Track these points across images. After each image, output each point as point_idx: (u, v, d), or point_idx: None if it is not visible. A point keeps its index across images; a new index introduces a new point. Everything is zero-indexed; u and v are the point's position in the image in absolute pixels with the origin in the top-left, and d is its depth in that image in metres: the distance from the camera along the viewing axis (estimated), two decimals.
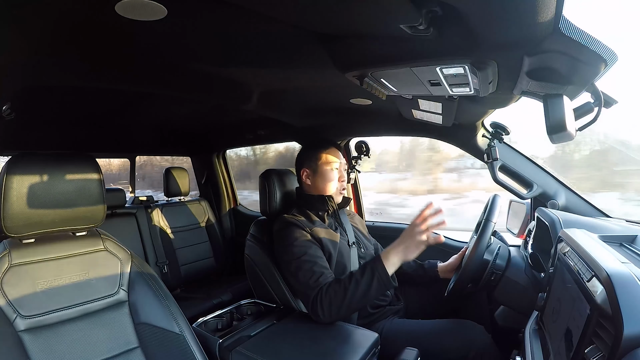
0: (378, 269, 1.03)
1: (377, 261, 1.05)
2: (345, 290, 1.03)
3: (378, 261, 1.05)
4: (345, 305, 1.03)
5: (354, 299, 1.02)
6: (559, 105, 0.70)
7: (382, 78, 0.89)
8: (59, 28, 0.76)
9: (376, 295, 1.05)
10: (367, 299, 1.04)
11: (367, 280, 1.03)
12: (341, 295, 1.03)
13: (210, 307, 1.82)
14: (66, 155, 0.84)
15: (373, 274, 1.03)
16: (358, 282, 1.03)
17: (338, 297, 1.03)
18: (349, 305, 1.03)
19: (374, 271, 1.03)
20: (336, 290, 1.04)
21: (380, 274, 1.03)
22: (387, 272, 1.03)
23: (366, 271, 1.04)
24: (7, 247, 0.78)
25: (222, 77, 1.16)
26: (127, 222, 2.08)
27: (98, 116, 1.79)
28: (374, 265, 1.05)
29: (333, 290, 1.04)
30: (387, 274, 1.03)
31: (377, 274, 1.03)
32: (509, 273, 1.06)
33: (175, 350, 0.86)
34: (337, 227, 1.31)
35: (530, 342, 0.78)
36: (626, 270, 0.53)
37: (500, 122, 1.18)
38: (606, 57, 0.63)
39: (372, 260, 1.07)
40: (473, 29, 0.60)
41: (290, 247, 1.14)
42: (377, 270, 1.03)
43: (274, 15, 0.70)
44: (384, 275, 1.03)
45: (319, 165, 1.30)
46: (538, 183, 1.32)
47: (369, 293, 1.03)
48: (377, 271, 1.03)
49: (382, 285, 1.03)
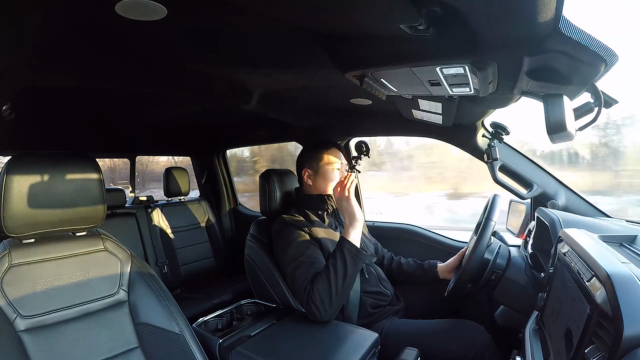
0: (345, 245, 1.08)
1: (341, 240, 1.11)
2: (327, 279, 1.05)
3: (341, 239, 1.10)
4: (333, 293, 1.04)
5: (337, 283, 1.04)
6: (559, 105, 0.70)
7: (382, 78, 0.88)
8: (59, 28, 0.76)
9: (355, 271, 1.08)
10: (349, 279, 1.07)
11: (340, 260, 1.06)
12: (326, 285, 1.05)
13: (210, 307, 1.82)
14: (66, 155, 0.84)
15: (342, 252, 1.07)
16: (335, 266, 1.06)
17: (325, 289, 1.05)
18: (337, 292, 1.05)
19: (342, 249, 1.08)
20: (320, 284, 1.05)
21: (348, 249, 1.07)
22: (354, 245, 1.08)
23: (336, 253, 1.09)
24: (7, 247, 0.78)
25: (222, 77, 1.16)
26: (127, 222, 2.08)
27: (98, 116, 1.79)
28: (340, 244, 1.10)
29: (318, 284, 1.06)
30: (355, 246, 1.08)
31: (345, 250, 1.07)
32: (509, 273, 1.06)
33: (175, 350, 0.86)
34: (337, 227, 1.31)
35: (530, 342, 0.78)
36: (626, 270, 0.53)
37: (500, 122, 1.18)
38: (606, 57, 0.63)
39: (337, 242, 1.12)
40: (473, 29, 0.60)
41: (288, 247, 1.15)
42: (344, 247, 1.08)
43: (274, 15, 0.70)
44: (352, 248, 1.08)
45: (321, 166, 1.30)
46: (538, 183, 1.32)
47: (347, 271, 1.06)
48: (345, 247, 1.08)
49: (355, 258, 1.07)
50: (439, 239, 1.67)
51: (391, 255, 1.50)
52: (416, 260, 1.45)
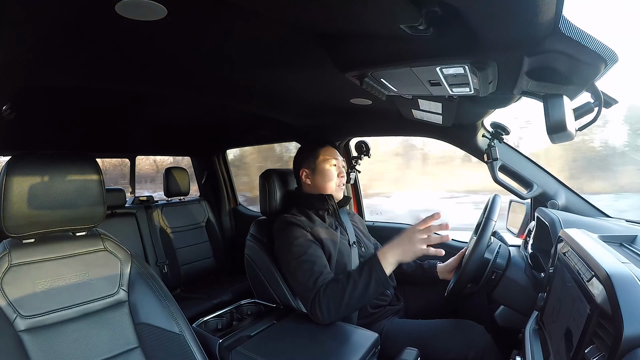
0: (376, 269, 1.02)
1: (375, 261, 1.04)
2: (343, 290, 1.03)
3: (375, 261, 1.04)
4: (343, 305, 1.03)
5: (352, 299, 1.02)
6: (559, 105, 0.70)
7: (382, 78, 0.89)
8: (59, 28, 0.76)
9: (374, 295, 1.04)
10: (365, 299, 1.04)
11: (365, 280, 1.02)
12: (339, 295, 1.03)
13: (210, 307, 1.83)
14: (66, 155, 0.84)
15: (371, 274, 1.02)
16: (356, 282, 1.02)
17: (336, 298, 1.03)
18: (348, 305, 1.03)
19: (371, 271, 1.03)
20: (334, 291, 1.03)
21: (378, 274, 1.02)
22: (384, 272, 1.02)
23: (364, 271, 1.03)
24: (7, 247, 0.78)
25: (222, 77, 1.16)
26: (127, 222, 2.08)
27: (98, 116, 1.79)
28: (371, 264, 1.04)
29: (331, 291, 1.04)
30: (385, 274, 1.02)
31: (374, 274, 1.02)
32: (509, 273, 1.06)
33: (175, 350, 0.86)
34: (337, 227, 1.31)
35: (530, 342, 0.78)
36: (626, 270, 0.53)
37: (500, 122, 1.18)
38: (606, 57, 0.63)
39: (369, 259, 1.06)
40: (473, 29, 0.60)
41: (290, 246, 1.14)
42: (374, 270, 1.02)
43: (274, 15, 0.70)
44: (382, 276, 1.02)
45: (318, 164, 1.30)
46: (538, 183, 1.32)
47: (367, 293, 1.02)
48: (375, 271, 1.02)
49: (380, 286, 1.02)
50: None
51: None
52: (416, 260, 1.45)
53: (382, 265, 1.03)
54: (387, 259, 1.03)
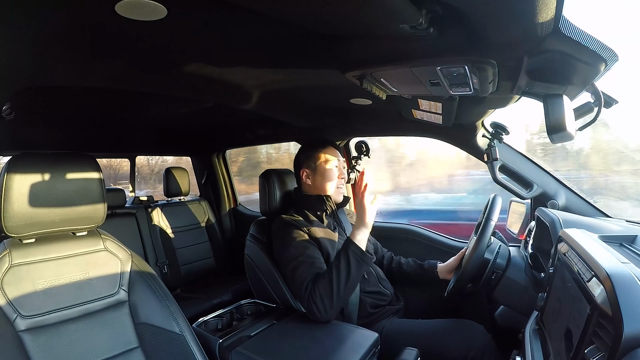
0: (350, 247, 1.07)
1: (347, 241, 1.09)
2: (329, 280, 1.04)
3: (348, 241, 1.09)
4: (335, 294, 1.04)
5: (340, 285, 1.04)
6: (559, 105, 0.70)
7: (382, 78, 0.89)
8: (58, 28, 0.76)
9: (358, 273, 1.07)
10: (352, 281, 1.06)
11: (344, 262, 1.05)
12: (328, 286, 1.04)
13: (210, 307, 1.82)
14: (66, 155, 0.84)
15: (347, 254, 1.06)
16: (338, 267, 1.05)
17: (326, 289, 1.04)
18: (339, 294, 1.04)
19: (347, 251, 1.07)
20: (322, 284, 1.05)
21: (354, 251, 1.06)
22: (359, 247, 1.07)
23: (341, 254, 1.07)
24: (7, 247, 0.78)
25: (222, 77, 1.16)
26: (127, 222, 2.08)
27: (98, 116, 1.79)
28: (345, 246, 1.08)
29: (320, 285, 1.05)
30: (360, 248, 1.07)
31: (350, 252, 1.06)
32: (509, 273, 1.06)
33: (176, 350, 0.86)
34: (335, 227, 1.31)
35: (530, 342, 0.78)
36: (626, 270, 0.53)
37: (500, 122, 1.18)
38: (606, 57, 0.63)
39: (343, 243, 1.10)
40: (473, 28, 0.60)
41: (288, 247, 1.15)
42: (349, 249, 1.06)
43: (274, 16, 0.70)
44: (358, 251, 1.06)
45: (318, 165, 1.30)
46: (538, 183, 1.32)
47: (350, 274, 1.05)
48: (350, 249, 1.06)
49: (360, 262, 1.06)
50: (439, 239, 1.67)
51: (391, 255, 1.50)
52: (416, 260, 1.45)
53: (355, 243, 1.07)
54: (356, 236, 1.09)
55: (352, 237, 1.09)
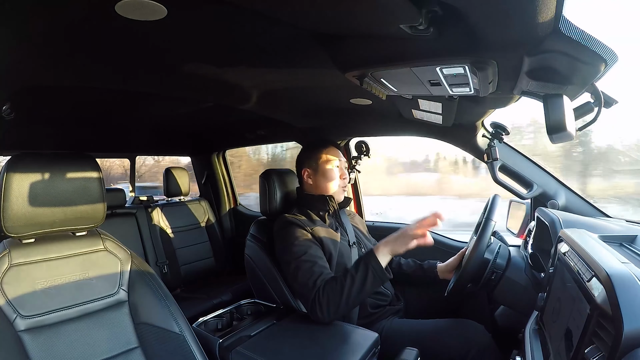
0: (372, 262, 1.04)
1: (370, 255, 1.06)
2: (342, 287, 1.03)
3: (371, 254, 1.06)
4: (343, 302, 1.03)
5: (351, 295, 1.03)
6: (559, 105, 0.70)
7: (382, 78, 0.89)
8: (59, 28, 0.76)
9: (372, 289, 1.05)
10: (364, 294, 1.04)
11: (362, 274, 1.04)
12: (338, 292, 1.03)
13: (210, 307, 1.82)
14: (66, 155, 0.84)
15: (367, 268, 1.04)
16: (353, 277, 1.04)
17: (335, 295, 1.03)
18: (347, 302, 1.03)
19: (367, 265, 1.04)
20: (333, 288, 1.04)
21: (374, 267, 1.04)
22: (380, 265, 1.04)
23: (360, 266, 1.05)
24: (7, 247, 0.78)
25: (222, 77, 1.16)
26: (127, 222, 2.08)
27: (98, 116, 1.79)
28: (367, 259, 1.06)
29: (330, 288, 1.04)
30: (381, 266, 1.04)
31: (371, 267, 1.04)
32: (509, 273, 1.06)
33: (175, 350, 0.86)
34: (337, 227, 1.31)
35: (530, 342, 0.78)
36: (626, 270, 0.53)
37: (500, 122, 1.18)
38: (606, 57, 0.63)
39: (365, 254, 1.08)
40: (473, 29, 0.60)
41: (291, 246, 1.14)
42: (370, 264, 1.04)
43: (274, 15, 0.70)
44: (378, 268, 1.04)
45: (320, 165, 1.30)
46: (538, 183, 1.32)
47: (365, 287, 1.03)
48: (371, 264, 1.04)
49: (377, 278, 1.04)
50: (439, 239, 1.67)
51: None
52: (416, 260, 1.45)
53: (377, 258, 1.04)
54: (380, 252, 1.05)
55: (376, 252, 1.06)
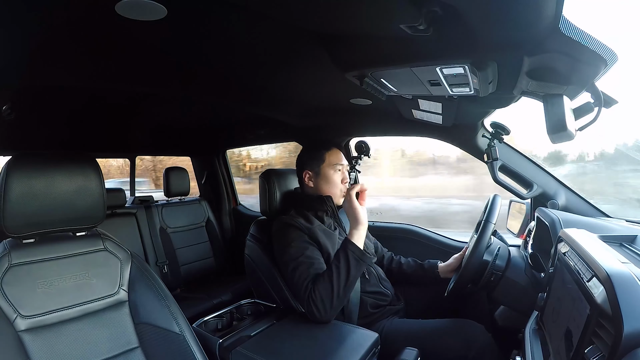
0: (349, 247, 1.08)
1: (345, 241, 1.10)
2: (330, 280, 1.05)
3: (346, 241, 1.10)
4: (335, 294, 1.04)
5: (340, 284, 1.04)
6: (559, 105, 0.70)
7: (382, 78, 0.89)
8: (59, 28, 0.76)
9: (357, 273, 1.08)
10: (352, 281, 1.06)
11: (344, 261, 1.06)
12: (328, 286, 1.04)
13: (210, 307, 1.82)
14: (66, 155, 0.84)
15: (346, 253, 1.07)
16: (338, 266, 1.06)
17: (326, 290, 1.04)
18: (339, 293, 1.04)
19: (346, 250, 1.08)
20: (322, 284, 1.05)
21: (352, 250, 1.07)
22: (357, 247, 1.08)
23: (340, 254, 1.08)
24: (7, 247, 0.78)
25: (222, 77, 1.16)
26: (127, 222, 2.08)
27: (98, 116, 1.79)
28: (344, 246, 1.09)
29: (319, 284, 1.05)
30: (359, 247, 1.08)
31: (349, 251, 1.07)
32: (509, 273, 1.06)
33: (176, 350, 0.86)
34: (336, 227, 1.31)
35: (530, 342, 0.78)
36: (626, 270, 0.53)
37: (500, 122, 1.18)
38: (606, 57, 0.63)
39: (341, 243, 1.11)
40: (473, 29, 0.60)
41: (288, 248, 1.15)
42: (348, 249, 1.08)
43: (274, 15, 0.70)
44: (357, 250, 1.07)
45: (322, 168, 1.30)
46: (538, 183, 1.32)
47: (350, 273, 1.06)
48: (349, 249, 1.07)
49: (358, 260, 1.07)
50: (439, 239, 1.67)
51: (391, 255, 1.50)
52: (416, 260, 1.45)
53: (353, 242, 1.08)
54: (353, 236, 1.10)
55: (350, 237, 1.09)
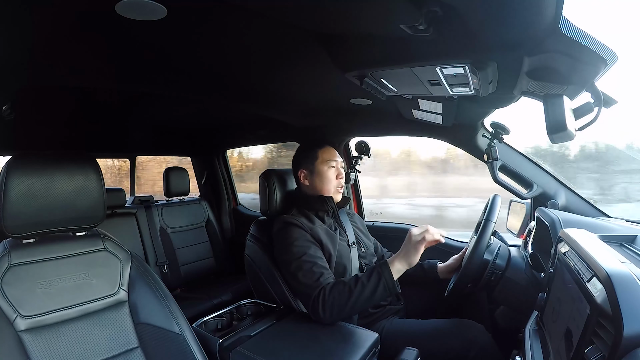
0: (385, 274, 1.04)
1: (384, 266, 1.05)
2: (350, 292, 1.03)
3: (385, 265, 1.05)
4: (348, 306, 1.03)
5: (358, 301, 1.03)
6: (559, 105, 0.70)
7: (382, 78, 0.89)
8: (58, 28, 0.76)
9: (379, 299, 1.06)
10: (370, 303, 1.05)
11: (373, 284, 1.03)
12: (345, 296, 1.03)
13: (210, 307, 1.83)
14: (66, 155, 0.84)
15: (379, 279, 1.03)
16: (364, 285, 1.03)
17: (342, 299, 1.03)
18: (353, 307, 1.03)
19: (380, 276, 1.04)
20: (340, 292, 1.04)
21: (386, 279, 1.03)
22: (393, 277, 1.04)
23: (373, 275, 1.04)
24: (7, 247, 0.78)
25: (222, 77, 1.16)
26: (127, 222, 2.08)
27: (98, 116, 1.79)
28: (381, 270, 1.05)
29: (337, 291, 1.04)
30: (393, 278, 1.04)
31: (383, 278, 1.03)
32: (509, 273, 1.06)
33: (176, 350, 0.86)
34: (336, 228, 1.31)
35: (530, 342, 0.78)
36: (626, 270, 0.53)
37: (500, 122, 1.18)
38: (606, 57, 0.63)
39: (379, 265, 1.07)
40: (473, 29, 0.60)
41: (290, 247, 1.14)
42: (384, 275, 1.04)
43: (274, 15, 0.70)
44: (390, 281, 1.03)
45: (316, 165, 1.30)
46: (538, 183, 1.32)
47: (373, 297, 1.03)
48: (384, 276, 1.03)
49: (386, 290, 1.03)
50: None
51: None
52: None
53: (390, 270, 1.04)
54: (394, 266, 1.05)
55: (391, 265, 1.05)
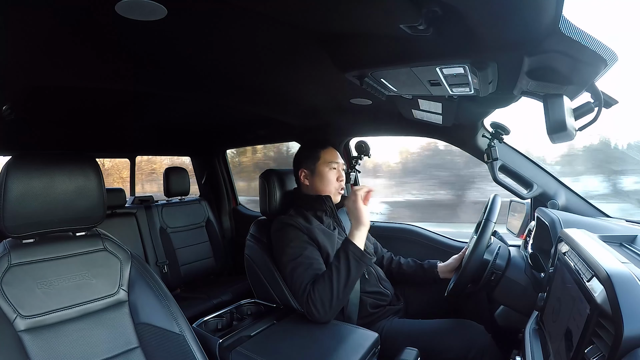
0: (349, 247, 1.07)
1: (345, 241, 1.09)
2: (329, 280, 1.04)
3: (346, 241, 1.08)
4: (334, 295, 1.04)
5: (339, 285, 1.04)
6: (559, 105, 0.70)
7: (382, 78, 0.89)
8: (59, 28, 0.76)
9: (357, 274, 1.07)
10: (352, 281, 1.06)
11: (344, 262, 1.05)
12: (328, 287, 1.04)
13: (210, 307, 1.83)
14: (66, 155, 0.84)
15: (347, 254, 1.06)
16: (338, 268, 1.05)
17: (326, 290, 1.04)
18: (338, 294, 1.04)
19: (346, 251, 1.07)
20: (322, 285, 1.05)
21: (353, 251, 1.06)
22: (358, 247, 1.07)
23: (340, 254, 1.07)
24: (7, 247, 0.78)
25: (222, 77, 1.16)
26: (127, 222, 2.08)
27: (98, 116, 1.79)
28: (344, 246, 1.08)
29: (320, 286, 1.05)
30: (359, 248, 1.07)
31: (350, 252, 1.06)
32: (509, 273, 1.06)
33: (175, 350, 0.86)
34: (335, 227, 1.31)
35: (530, 342, 0.78)
36: (626, 270, 0.53)
37: (500, 122, 1.18)
38: (606, 57, 0.63)
39: (342, 243, 1.10)
40: (473, 29, 0.60)
41: (287, 248, 1.15)
42: (349, 249, 1.06)
43: (274, 15, 0.70)
44: (357, 251, 1.06)
45: (317, 166, 1.30)
46: (538, 183, 1.32)
47: (350, 274, 1.05)
48: (350, 249, 1.06)
49: (359, 261, 1.06)
50: (439, 239, 1.67)
51: (391, 255, 1.50)
52: (416, 260, 1.45)
53: (354, 243, 1.07)
54: (354, 236, 1.09)
55: (351, 237, 1.08)
